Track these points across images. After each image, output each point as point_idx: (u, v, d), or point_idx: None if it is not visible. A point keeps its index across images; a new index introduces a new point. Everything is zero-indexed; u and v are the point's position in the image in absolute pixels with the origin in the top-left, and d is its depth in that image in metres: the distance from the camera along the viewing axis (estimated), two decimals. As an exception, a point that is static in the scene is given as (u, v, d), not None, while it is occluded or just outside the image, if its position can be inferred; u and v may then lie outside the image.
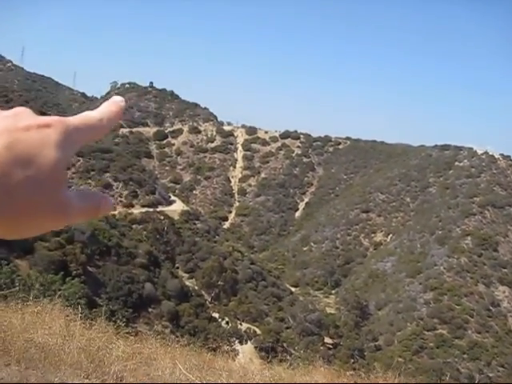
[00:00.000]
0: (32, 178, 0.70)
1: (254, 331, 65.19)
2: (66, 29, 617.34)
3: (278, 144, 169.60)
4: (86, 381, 5.62)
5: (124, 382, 5.90)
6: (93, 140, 0.94)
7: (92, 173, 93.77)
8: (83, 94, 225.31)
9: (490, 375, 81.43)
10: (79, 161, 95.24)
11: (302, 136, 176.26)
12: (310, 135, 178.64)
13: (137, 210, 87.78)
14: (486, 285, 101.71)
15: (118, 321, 8.41)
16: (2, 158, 0.69)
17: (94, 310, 8.77)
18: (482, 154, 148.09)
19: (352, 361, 69.51)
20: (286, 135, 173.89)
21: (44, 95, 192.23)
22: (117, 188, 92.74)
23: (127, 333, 8.13)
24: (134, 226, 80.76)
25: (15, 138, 0.75)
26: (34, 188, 0.70)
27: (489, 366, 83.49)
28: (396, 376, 8.99)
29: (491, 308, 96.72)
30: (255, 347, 59.80)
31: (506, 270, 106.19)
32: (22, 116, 0.90)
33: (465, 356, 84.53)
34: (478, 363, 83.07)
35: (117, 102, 0.96)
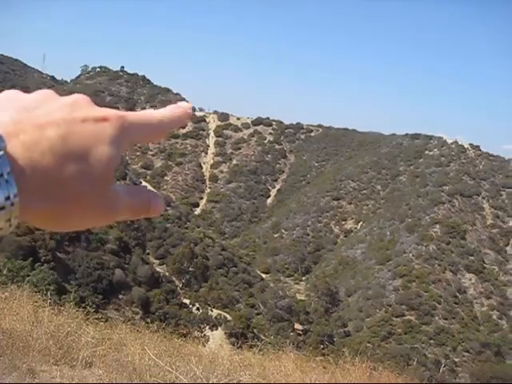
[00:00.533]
0: (84, 172, 0.71)
1: (225, 317, 65.34)
2: (34, 12, 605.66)
3: (250, 131, 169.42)
4: (55, 367, 5.60)
5: (93, 367, 5.90)
6: (150, 141, 0.92)
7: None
8: (53, 78, 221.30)
9: (456, 360, 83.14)
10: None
11: (274, 123, 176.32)
12: (282, 122, 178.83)
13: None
14: (454, 272, 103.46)
15: (88, 307, 8.36)
16: (57, 149, 0.69)
17: (64, 296, 8.70)
18: (452, 144, 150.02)
19: (322, 346, 70.15)
20: (258, 122, 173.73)
21: (12, 78, 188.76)
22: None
23: (97, 319, 8.10)
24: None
25: (71, 130, 0.74)
26: (85, 182, 0.71)
27: (455, 352, 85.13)
28: (364, 361, 9.12)
29: (458, 295, 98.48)
30: (226, 333, 60.00)
31: (472, 258, 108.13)
32: (81, 105, 0.87)
33: (431, 342, 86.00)
34: (445, 349, 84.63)
35: (184, 107, 0.94)
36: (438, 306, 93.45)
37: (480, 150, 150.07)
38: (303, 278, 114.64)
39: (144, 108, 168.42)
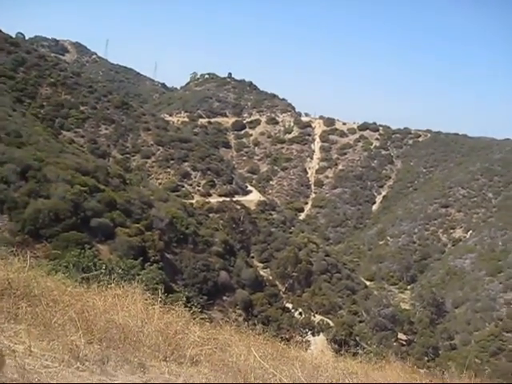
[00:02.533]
0: None
1: (327, 323, 65.10)
2: (145, 22, 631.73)
3: (356, 136, 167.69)
4: (164, 363, 5.80)
5: (199, 366, 6.06)
6: None
7: (171, 162, 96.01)
8: (163, 85, 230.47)
9: None
10: (159, 150, 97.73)
11: (380, 128, 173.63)
12: (389, 127, 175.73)
13: (214, 199, 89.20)
14: None
15: (194, 307, 8.59)
16: None
17: (171, 295, 8.99)
18: None
19: (426, 359, 68.33)
20: (364, 127, 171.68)
21: (126, 86, 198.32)
22: (195, 177, 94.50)
23: (202, 319, 8.31)
24: (210, 215, 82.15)
25: None
26: None
27: None
28: (471, 377, 8.79)
29: None
30: (327, 339, 59.75)
31: None
32: None
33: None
34: (562, 368, 79.58)
35: None
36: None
37: None
38: (408, 287, 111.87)
39: (251, 114, 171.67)
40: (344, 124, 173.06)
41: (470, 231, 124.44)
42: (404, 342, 76.27)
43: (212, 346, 6.89)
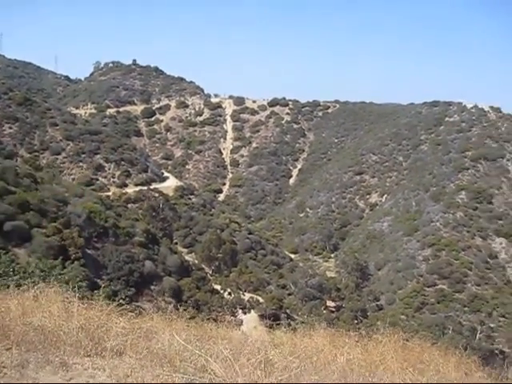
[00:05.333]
0: None
1: (257, 300, 65.68)
2: (41, 14, 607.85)
3: (267, 112, 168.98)
4: (87, 358, 5.68)
5: (124, 356, 5.97)
6: None
7: (83, 156, 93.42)
8: (67, 77, 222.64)
9: (492, 326, 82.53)
10: (69, 145, 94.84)
11: (290, 103, 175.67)
12: (298, 101, 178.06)
13: (131, 190, 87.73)
14: (483, 237, 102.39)
15: (121, 300, 8.44)
16: None
17: (96, 291, 8.82)
18: (472, 108, 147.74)
19: (355, 322, 70.34)
20: (274, 103, 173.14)
21: (27, 81, 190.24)
22: (109, 169, 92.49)
23: (130, 310, 8.18)
24: (129, 206, 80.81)
25: None
26: None
27: (490, 317, 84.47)
28: (398, 333, 9.09)
29: (489, 260, 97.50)
30: (259, 315, 60.37)
31: (501, 222, 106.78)
32: None
33: (466, 309, 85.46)
34: (479, 315, 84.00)
35: None
36: (470, 273, 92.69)
37: (501, 112, 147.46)
38: (332, 255, 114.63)
39: (159, 99, 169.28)
40: (254, 102, 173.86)
41: (385, 195, 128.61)
42: (333, 309, 78.20)
43: (136, 335, 6.80)
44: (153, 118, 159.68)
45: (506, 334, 78.41)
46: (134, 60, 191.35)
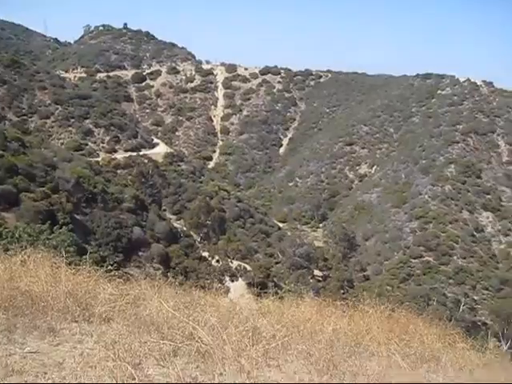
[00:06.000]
0: None
1: (245, 268, 66.15)
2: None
3: (259, 80, 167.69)
4: (74, 324, 5.68)
5: (112, 322, 5.99)
6: None
7: (72, 120, 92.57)
8: (56, 40, 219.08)
9: (475, 298, 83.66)
10: (57, 109, 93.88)
11: (282, 71, 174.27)
12: (290, 70, 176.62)
13: (120, 155, 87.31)
14: (470, 211, 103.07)
15: (109, 266, 8.43)
16: None
17: (84, 257, 8.80)
18: (464, 82, 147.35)
19: (342, 291, 71.05)
20: (266, 71, 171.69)
21: (15, 43, 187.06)
22: (98, 134, 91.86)
23: (118, 277, 8.18)
24: (118, 172, 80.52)
25: None
26: None
27: (474, 290, 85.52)
28: (383, 303, 9.16)
29: (475, 234, 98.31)
30: (246, 283, 60.82)
31: (489, 196, 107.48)
32: None
33: (451, 281, 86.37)
34: (464, 287, 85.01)
35: None
36: (456, 246, 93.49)
37: (493, 87, 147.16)
38: (320, 225, 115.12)
39: (150, 65, 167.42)
40: (246, 69, 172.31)
41: (375, 166, 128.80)
42: (320, 278, 78.83)
43: (124, 301, 6.81)
44: (143, 84, 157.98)
45: (488, 307, 79.55)
46: (125, 24, 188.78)
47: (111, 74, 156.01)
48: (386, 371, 5.63)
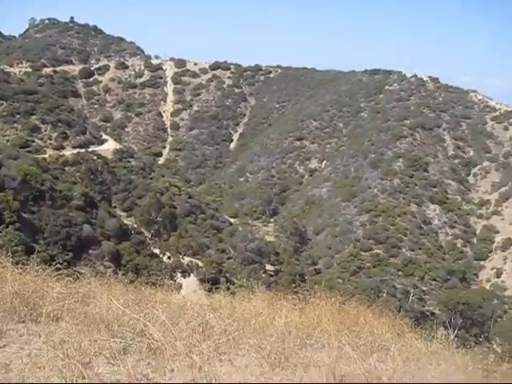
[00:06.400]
0: None
1: (197, 264, 65.90)
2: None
3: (209, 75, 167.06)
4: (21, 324, 5.56)
5: (60, 321, 5.89)
6: None
7: (17, 116, 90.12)
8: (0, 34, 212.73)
9: (424, 289, 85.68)
10: (2, 104, 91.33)
11: (232, 66, 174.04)
12: (240, 65, 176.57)
13: (68, 152, 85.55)
14: (418, 204, 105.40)
15: (58, 264, 8.24)
16: None
17: (32, 256, 8.58)
18: (411, 78, 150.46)
19: (293, 285, 71.58)
20: (215, 66, 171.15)
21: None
22: (45, 130, 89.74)
23: (67, 275, 8.03)
24: (66, 169, 78.91)
25: None
26: None
27: (422, 281, 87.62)
28: (334, 296, 9.27)
29: (423, 226, 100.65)
30: (198, 279, 60.66)
31: (436, 189, 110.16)
32: None
33: (400, 273, 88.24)
34: (413, 279, 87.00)
35: None
36: (405, 238, 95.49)
37: (439, 83, 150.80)
38: (271, 220, 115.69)
39: (98, 59, 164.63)
40: (195, 64, 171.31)
41: (325, 161, 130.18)
42: (272, 273, 79.19)
43: (73, 300, 6.70)
44: (91, 79, 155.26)
45: (436, 297, 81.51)
46: (72, 18, 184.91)
47: (58, 68, 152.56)
48: (337, 362, 5.72)
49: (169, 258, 65.85)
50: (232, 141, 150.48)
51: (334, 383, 5.21)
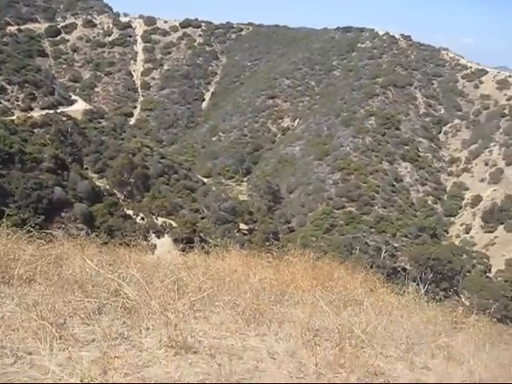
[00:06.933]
0: None
1: (171, 224, 65.93)
2: None
3: (179, 34, 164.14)
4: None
5: (34, 283, 5.85)
6: None
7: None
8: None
9: (396, 245, 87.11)
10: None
11: (203, 24, 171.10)
12: (211, 23, 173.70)
13: (37, 113, 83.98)
14: (390, 162, 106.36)
15: (30, 227, 8.12)
16: None
17: (2, 219, 8.42)
18: (384, 35, 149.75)
19: (267, 244, 72.22)
20: (186, 24, 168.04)
21: None
22: (12, 91, 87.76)
23: (39, 238, 7.93)
24: (35, 131, 77.58)
25: None
26: None
27: (394, 237, 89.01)
28: (308, 254, 9.36)
29: (395, 183, 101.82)
30: (173, 240, 60.76)
31: (407, 147, 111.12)
32: None
33: (372, 230, 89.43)
34: (384, 235, 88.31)
35: None
36: (377, 196, 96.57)
37: (411, 40, 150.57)
38: (244, 179, 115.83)
39: (65, 17, 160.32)
40: (165, 22, 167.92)
41: (297, 119, 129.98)
42: (246, 232, 79.66)
43: (46, 262, 6.64)
44: (58, 38, 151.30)
45: (408, 253, 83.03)
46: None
47: (22, 27, 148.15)
48: (311, 317, 5.80)
49: (142, 219, 65.74)
50: (204, 100, 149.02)
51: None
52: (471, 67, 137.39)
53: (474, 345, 6.66)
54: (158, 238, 61.19)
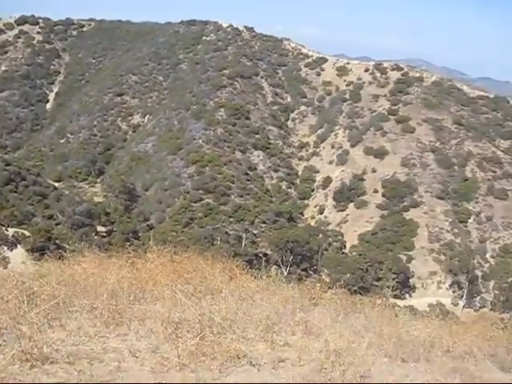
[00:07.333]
0: None
1: (23, 234, 62.78)
2: None
3: (16, 31, 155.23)
4: None
5: None
6: None
7: None
8: None
9: (255, 232, 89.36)
10: None
11: (40, 21, 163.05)
12: (49, 19, 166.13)
13: None
14: (243, 151, 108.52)
15: None
16: None
17: None
18: (228, 28, 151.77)
19: (128, 244, 71.09)
20: (22, 21, 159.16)
21: None
22: None
23: None
24: None
25: None
26: None
27: (253, 225, 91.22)
28: (167, 249, 9.34)
29: (249, 172, 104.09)
30: (26, 250, 57.94)
31: (258, 136, 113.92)
32: None
33: (231, 219, 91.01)
34: (244, 224, 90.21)
35: None
36: (233, 186, 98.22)
37: (254, 32, 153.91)
38: (98, 180, 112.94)
39: None
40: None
41: (147, 115, 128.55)
42: (104, 234, 77.86)
43: None
44: None
45: (267, 238, 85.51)
46: None
47: None
48: (171, 311, 5.82)
49: (-10, 230, 61.95)
50: (48, 101, 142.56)
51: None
52: (312, 56, 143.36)
53: (329, 317, 7.07)
54: (11, 250, 57.96)
